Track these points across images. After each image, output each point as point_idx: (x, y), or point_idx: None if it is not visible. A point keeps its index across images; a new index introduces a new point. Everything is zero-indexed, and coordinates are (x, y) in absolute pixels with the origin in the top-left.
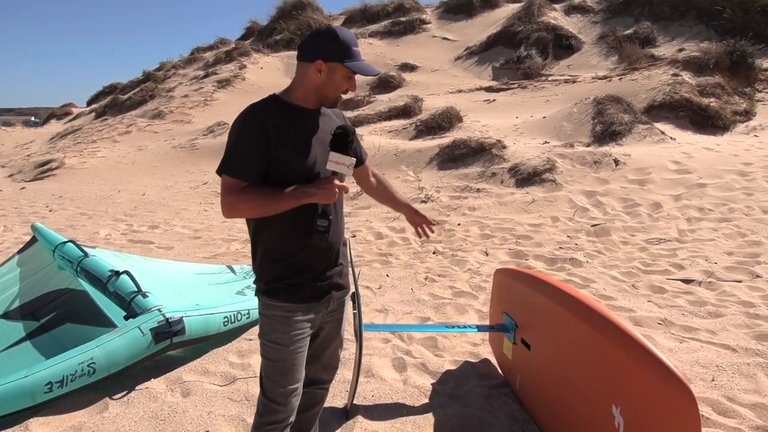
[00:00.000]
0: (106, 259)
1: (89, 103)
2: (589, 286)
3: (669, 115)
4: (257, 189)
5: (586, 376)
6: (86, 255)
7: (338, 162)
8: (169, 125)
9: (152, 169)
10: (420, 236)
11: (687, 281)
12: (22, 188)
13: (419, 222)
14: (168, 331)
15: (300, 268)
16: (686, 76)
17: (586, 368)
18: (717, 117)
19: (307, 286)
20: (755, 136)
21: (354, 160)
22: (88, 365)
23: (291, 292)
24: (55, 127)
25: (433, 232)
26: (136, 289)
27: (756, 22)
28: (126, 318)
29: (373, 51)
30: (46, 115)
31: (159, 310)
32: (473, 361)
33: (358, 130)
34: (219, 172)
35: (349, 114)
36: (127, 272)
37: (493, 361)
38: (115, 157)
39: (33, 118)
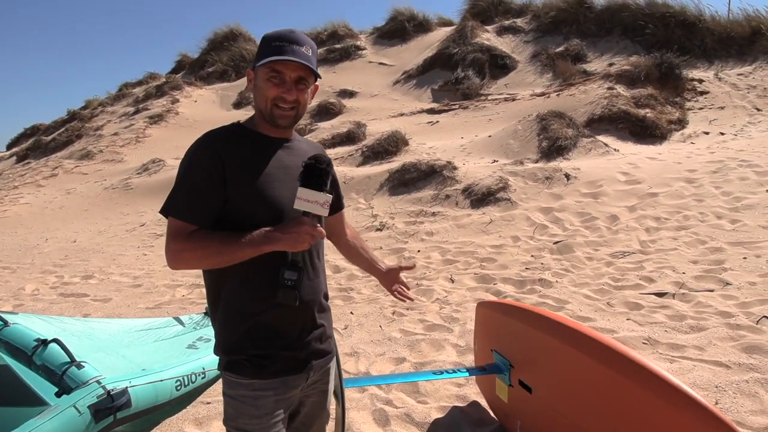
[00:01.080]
0: (30, 325)
1: (9, 147)
2: (564, 308)
3: (609, 127)
4: (209, 234)
5: (606, 423)
6: (5, 323)
7: (309, 199)
8: (99, 165)
9: (83, 214)
10: (402, 299)
11: (660, 294)
12: None
13: (394, 280)
14: (110, 406)
15: (267, 335)
16: (620, 89)
17: (605, 414)
18: (654, 127)
19: (278, 356)
20: (692, 143)
21: (330, 197)
22: None
23: (259, 365)
24: None
25: (410, 298)
26: (68, 360)
27: (677, 36)
28: (58, 395)
29: None
30: None
31: (98, 382)
32: (461, 405)
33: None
34: (163, 212)
35: None
36: (56, 340)
37: (483, 403)
38: (41, 203)
39: None
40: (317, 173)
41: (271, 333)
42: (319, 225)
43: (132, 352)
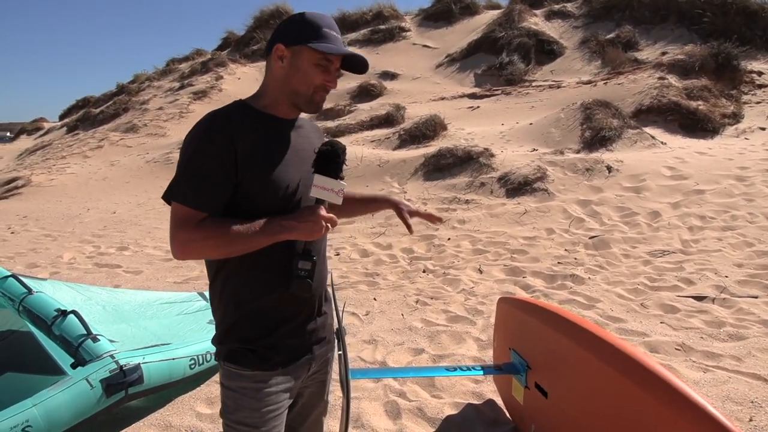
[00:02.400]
0: (56, 293)
1: (61, 118)
2: (595, 306)
3: (657, 119)
4: (220, 223)
5: None
6: (30, 291)
7: (325, 187)
8: (143, 139)
9: (124, 185)
10: (410, 229)
11: (699, 298)
12: None
13: (417, 216)
14: (122, 381)
15: (274, 324)
16: (672, 79)
17: (623, 429)
18: (706, 120)
19: (282, 346)
20: (746, 138)
21: (345, 185)
22: (23, 429)
23: (263, 356)
24: (25, 142)
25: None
26: (85, 332)
27: (737, 24)
28: (73, 366)
29: None
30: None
31: (112, 357)
32: (476, 402)
33: (340, 140)
34: (167, 198)
35: (329, 124)
36: (74, 311)
37: (499, 401)
38: (86, 174)
39: (8, 134)
40: (333, 160)
41: (276, 322)
42: (332, 214)
43: (153, 324)
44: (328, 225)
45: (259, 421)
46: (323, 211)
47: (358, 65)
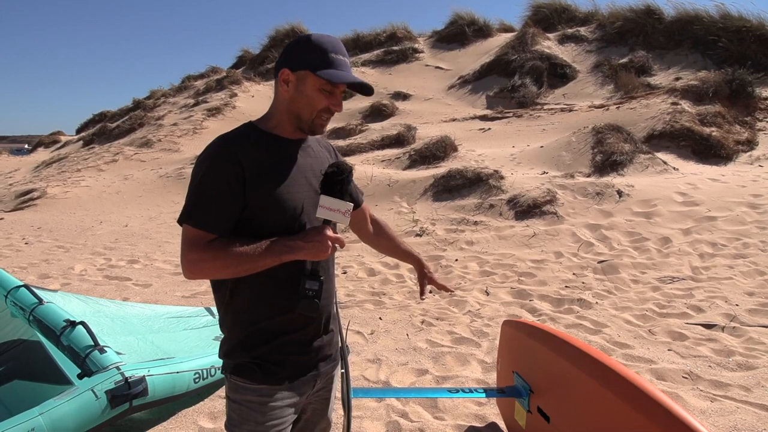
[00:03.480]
0: (66, 305)
1: (78, 131)
2: (602, 331)
3: (670, 144)
4: (228, 244)
5: None
6: (41, 302)
7: (331, 208)
8: (157, 154)
9: (137, 199)
10: (422, 295)
11: (708, 326)
12: (0, 219)
13: (432, 284)
14: (127, 393)
15: (279, 340)
16: (685, 104)
17: None
18: (719, 146)
19: (288, 362)
20: (760, 166)
21: (351, 205)
22: None
23: (269, 371)
24: (41, 155)
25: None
26: (92, 343)
27: (752, 51)
28: (80, 377)
29: (366, 79)
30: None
31: (117, 368)
32: (479, 425)
33: (350, 160)
34: (181, 221)
35: (340, 143)
36: (83, 323)
37: (502, 425)
38: (100, 187)
39: (27, 146)
40: (339, 181)
41: (283, 338)
42: (339, 234)
43: (160, 338)
44: (336, 245)
45: None
46: (330, 232)
47: (364, 88)
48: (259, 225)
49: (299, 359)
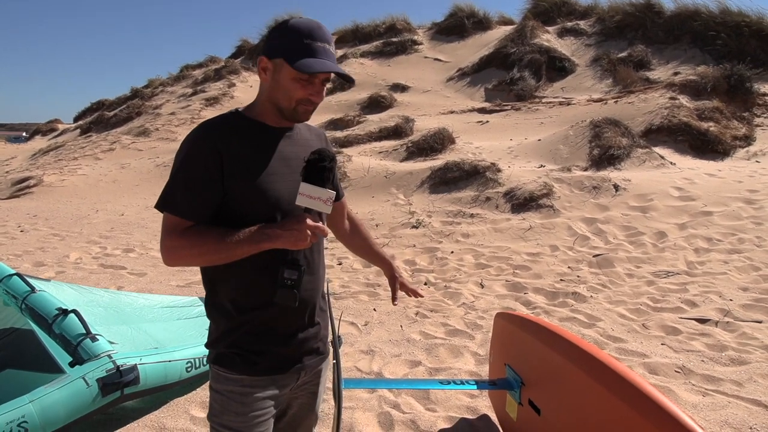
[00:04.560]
0: (59, 294)
1: (76, 120)
2: (596, 325)
3: (667, 139)
4: (205, 231)
5: None
6: (33, 290)
7: (311, 196)
8: (154, 143)
9: (133, 188)
10: (394, 300)
11: (702, 321)
12: None
13: (403, 290)
14: (118, 381)
15: (261, 331)
16: (684, 99)
17: None
18: (717, 142)
19: (270, 353)
20: (757, 161)
21: (333, 193)
22: (19, 425)
23: (250, 361)
24: (39, 143)
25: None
26: (84, 331)
27: (751, 47)
28: (72, 365)
29: (365, 71)
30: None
31: (109, 356)
32: (470, 417)
33: (348, 151)
34: (158, 207)
35: (338, 134)
36: (75, 311)
37: (494, 417)
38: (96, 175)
39: (24, 134)
40: (320, 168)
41: (265, 329)
42: (320, 222)
43: (153, 327)
44: (317, 234)
45: (244, 425)
46: (309, 221)
47: (343, 77)
48: (241, 213)
49: (281, 351)
